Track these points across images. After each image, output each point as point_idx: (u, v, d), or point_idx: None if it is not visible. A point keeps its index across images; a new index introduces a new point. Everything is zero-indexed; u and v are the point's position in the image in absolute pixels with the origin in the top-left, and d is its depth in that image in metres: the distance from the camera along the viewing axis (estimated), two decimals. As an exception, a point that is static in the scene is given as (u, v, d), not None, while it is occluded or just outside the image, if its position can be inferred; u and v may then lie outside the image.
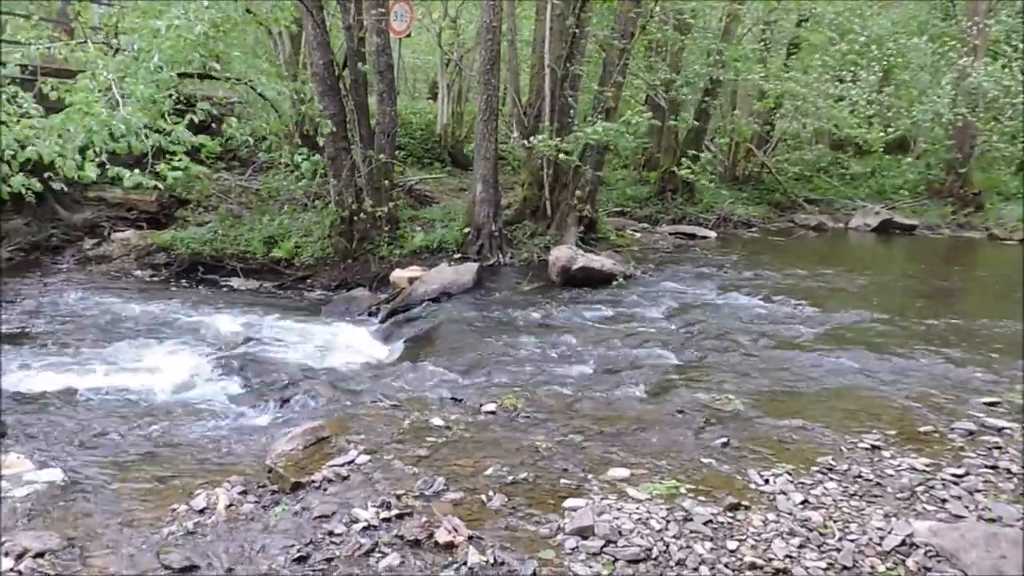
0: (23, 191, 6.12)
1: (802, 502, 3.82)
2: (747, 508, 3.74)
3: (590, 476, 4.12)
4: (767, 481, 4.06)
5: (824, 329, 7.66)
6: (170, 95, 6.63)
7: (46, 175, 6.47)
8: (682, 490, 3.91)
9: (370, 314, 9.15)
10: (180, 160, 6.44)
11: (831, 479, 4.09)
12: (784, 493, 3.91)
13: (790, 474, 4.12)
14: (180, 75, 7.17)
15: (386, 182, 10.82)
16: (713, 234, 14.57)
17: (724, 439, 4.63)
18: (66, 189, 6.50)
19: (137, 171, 6.26)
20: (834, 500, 3.85)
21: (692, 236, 14.24)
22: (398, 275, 9.75)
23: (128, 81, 6.15)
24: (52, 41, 6.43)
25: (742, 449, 4.53)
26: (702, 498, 3.84)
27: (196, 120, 6.65)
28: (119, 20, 7.52)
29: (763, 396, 5.62)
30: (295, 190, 13.02)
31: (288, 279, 10.68)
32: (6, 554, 3.47)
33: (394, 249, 10.73)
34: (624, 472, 4.15)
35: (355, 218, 10.65)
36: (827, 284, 10.14)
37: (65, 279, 10.63)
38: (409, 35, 16.15)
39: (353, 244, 10.71)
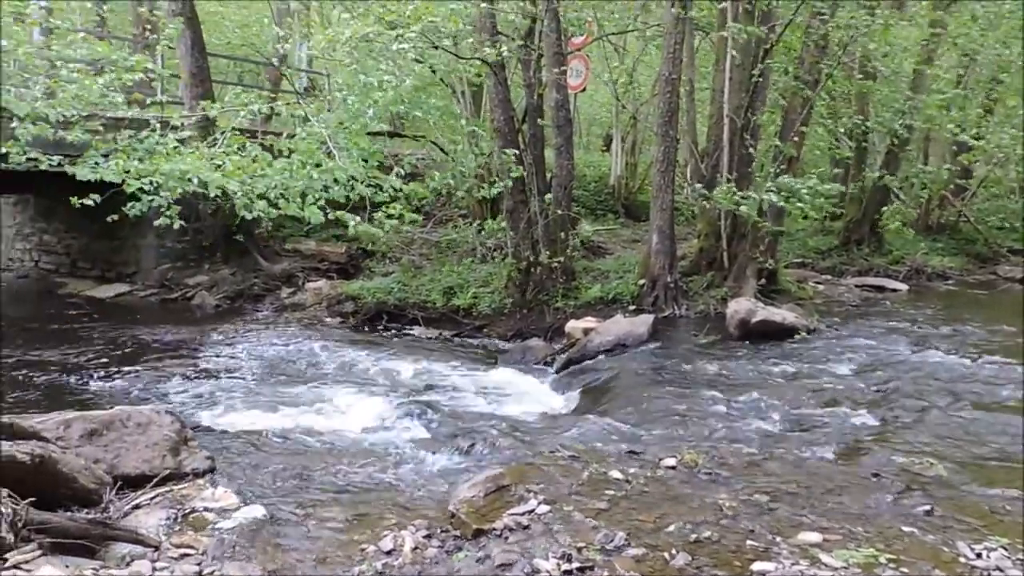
0: (261, 215, 6.82)
1: (1022, 581, 3.47)
2: (957, 584, 3.45)
3: (779, 539, 3.92)
4: (979, 555, 3.71)
5: (1038, 391, 6.99)
6: (379, 149, 7.19)
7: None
8: (882, 559, 3.65)
9: (545, 364, 9.24)
10: (394, 208, 6.93)
11: (1056, 557, 3.70)
12: (1000, 570, 3.57)
13: (1006, 548, 3.76)
14: (374, 134, 7.74)
15: (562, 234, 10.96)
16: (904, 287, 13.72)
17: (927, 506, 4.29)
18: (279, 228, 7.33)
19: (358, 218, 6.82)
20: (1061, 581, 3.48)
21: (881, 289, 13.47)
22: (573, 326, 9.81)
23: (342, 136, 6.71)
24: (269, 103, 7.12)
25: (948, 518, 4.18)
26: (905, 569, 3.56)
27: (403, 172, 7.15)
28: (330, 84, 8.19)
29: (969, 461, 5.19)
30: (474, 242, 13.48)
31: (466, 328, 10.99)
32: (215, 582, 3.71)
33: (569, 300, 10.81)
34: (816, 536, 3.93)
35: (531, 269, 10.85)
36: (1039, 342, 9.27)
37: (264, 325, 11.43)
38: (584, 90, 16.49)
39: (529, 295, 10.90)
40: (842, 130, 12.90)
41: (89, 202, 6.96)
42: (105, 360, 9.20)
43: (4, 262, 15.82)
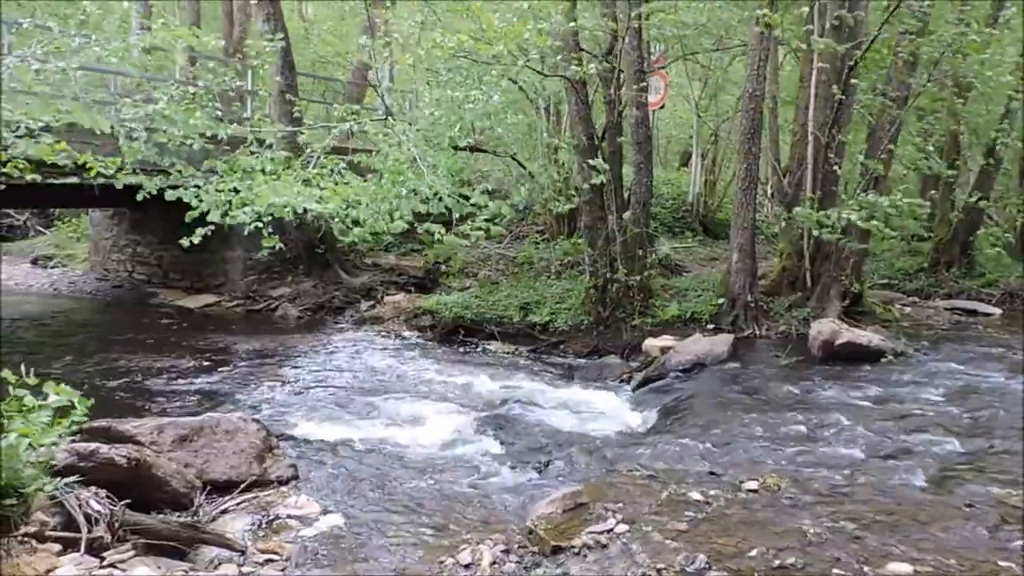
0: (356, 242, 7.14)
1: None
2: (1060, 624, 3.29)
3: (866, 568, 3.82)
4: (1083, 595, 3.55)
5: None
6: (464, 165, 7.38)
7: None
8: (977, 595, 3.52)
9: (622, 381, 9.18)
10: (481, 223, 7.07)
11: None
12: (1106, 611, 3.40)
13: (1113, 589, 3.58)
14: (458, 149, 7.88)
15: (640, 251, 10.89)
16: (997, 311, 13.14)
17: (1025, 541, 4.12)
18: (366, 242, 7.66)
19: (443, 229, 7.00)
20: None
21: (972, 312, 12.93)
22: (650, 344, 9.73)
23: (430, 154, 6.88)
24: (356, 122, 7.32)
25: (1048, 555, 4.00)
26: (1002, 607, 3.43)
27: (488, 188, 7.29)
28: (414, 101, 8.38)
29: (1071, 496, 4.93)
30: (550, 258, 13.52)
31: (542, 344, 10.99)
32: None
33: (646, 318, 10.72)
34: (906, 568, 3.81)
35: (609, 286, 10.80)
36: None
37: (344, 337, 11.66)
38: (662, 107, 16.38)
39: (606, 312, 10.84)
40: (931, 148, 12.48)
41: (200, 236, 7.21)
42: (193, 367, 9.52)
43: (101, 272, 16.53)
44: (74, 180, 10.30)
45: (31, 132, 5.96)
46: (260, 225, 7.22)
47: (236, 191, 6.95)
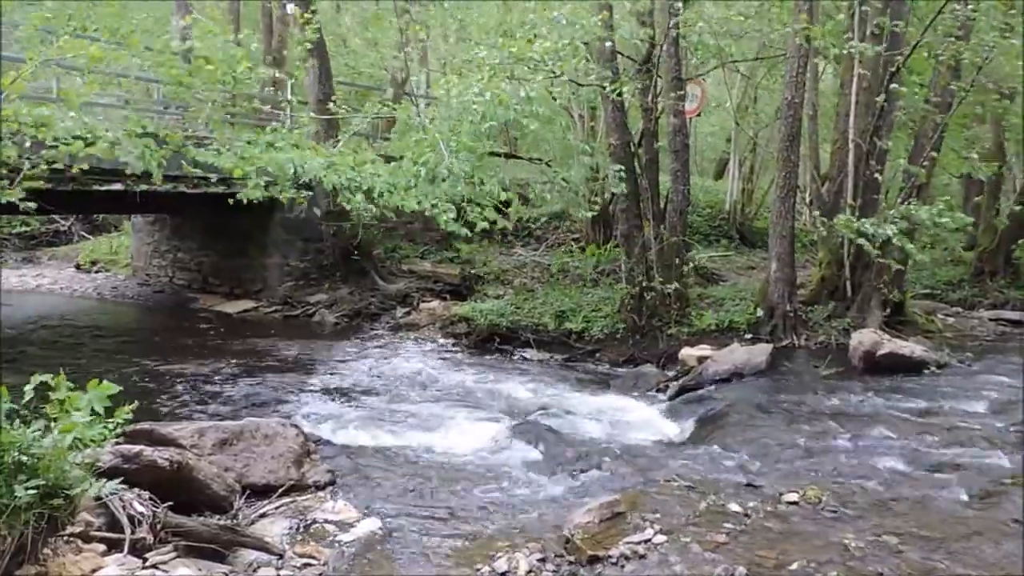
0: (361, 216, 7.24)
1: None
2: (1113, 645, 3.20)
3: (910, 584, 3.75)
4: None
5: None
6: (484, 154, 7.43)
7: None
8: (1025, 613, 3.43)
9: (658, 390, 9.10)
10: (488, 211, 7.09)
11: None
12: None
13: None
14: (492, 154, 7.91)
15: (676, 259, 10.82)
16: (1044, 321, 12.88)
17: (1076, 559, 4.01)
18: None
19: (452, 215, 7.07)
20: None
21: (1018, 323, 12.66)
22: (687, 353, 9.65)
23: (453, 141, 6.94)
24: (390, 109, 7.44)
25: (1100, 573, 3.90)
26: (1051, 625, 3.34)
27: (503, 186, 7.34)
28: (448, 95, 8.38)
29: (1123, 512, 4.80)
30: (585, 266, 13.50)
31: (578, 352, 10.94)
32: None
33: (682, 327, 10.64)
34: (952, 584, 3.73)
35: (645, 295, 10.74)
36: None
37: (380, 343, 11.73)
38: (699, 115, 16.27)
39: (642, 320, 10.78)
40: (976, 155, 12.27)
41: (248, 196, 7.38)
42: (232, 372, 9.63)
43: (143, 277, 16.81)
44: (118, 187, 10.53)
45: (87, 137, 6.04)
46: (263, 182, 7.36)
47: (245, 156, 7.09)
